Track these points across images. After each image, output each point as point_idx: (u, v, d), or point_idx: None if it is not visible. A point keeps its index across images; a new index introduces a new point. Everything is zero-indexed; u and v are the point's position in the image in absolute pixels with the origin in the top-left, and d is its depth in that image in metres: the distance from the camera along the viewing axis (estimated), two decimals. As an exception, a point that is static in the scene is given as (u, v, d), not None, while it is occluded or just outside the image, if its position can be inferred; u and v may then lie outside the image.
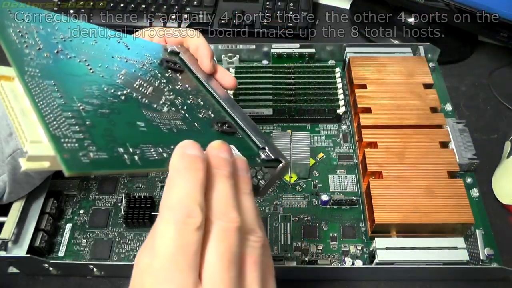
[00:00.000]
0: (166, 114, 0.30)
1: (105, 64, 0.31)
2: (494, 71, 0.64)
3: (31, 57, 0.25)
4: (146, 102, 0.30)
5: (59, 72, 0.26)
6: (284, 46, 0.61)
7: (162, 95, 0.32)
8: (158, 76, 0.34)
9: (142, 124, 0.28)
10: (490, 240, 0.45)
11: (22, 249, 0.43)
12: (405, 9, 0.69)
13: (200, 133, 0.31)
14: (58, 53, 0.28)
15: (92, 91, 0.27)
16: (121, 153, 0.24)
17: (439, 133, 0.50)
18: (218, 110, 0.35)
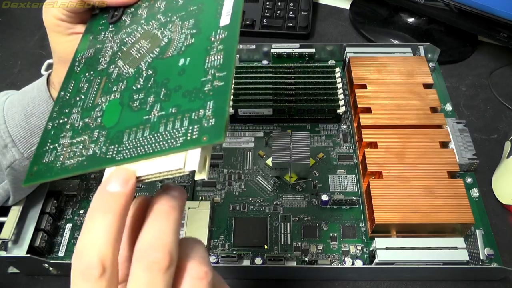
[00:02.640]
0: (174, 36, 0.29)
1: (107, 88, 0.30)
2: (494, 71, 0.64)
3: (95, 151, 0.26)
4: (158, 51, 0.29)
5: (113, 132, 0.26)
6: (284, 46, 0.61)
7: (152, 29, 0.31)
8: (126, 31, 0.32)
9: (182, 61, 0.27)
10: (490, 240, 0.45)
11: (22, 249, 0.43)
12: (405, 9, 0.69)
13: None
14: (95, 120, 0.28)
15: (138, 101, 0.27)
16: (213, 88, 0.24)
17: (439, 133, 0.50)
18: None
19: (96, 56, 0.32)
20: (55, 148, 0.27)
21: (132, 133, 0.25)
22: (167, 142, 0.23)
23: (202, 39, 0.27)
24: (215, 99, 0.23)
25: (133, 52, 0.30)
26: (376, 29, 0.70)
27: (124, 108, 0.27)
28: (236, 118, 0.56)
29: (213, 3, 0.29)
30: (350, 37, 0.71)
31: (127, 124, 0.26)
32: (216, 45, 0.26)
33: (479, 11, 0.59)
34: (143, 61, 0.29)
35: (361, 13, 0.73)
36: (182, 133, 0.23)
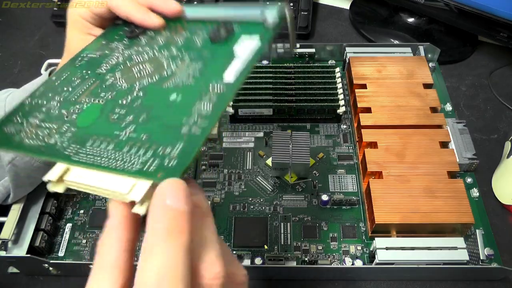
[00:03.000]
0: (178, 71, 0.30)
1: (96, 91, 0.30)
2: (494, 71, 0.64)
3: (56, 142, 0.26)
4: (158, 79, 0.29)
5: (81, 132, 0.26)
6: (284, 46, 0.61)
7: (161, 58, 0.31)
8: (137, 49, 0.33)
9: (174, 96, 0.27)
10: (490, 240, 0.45)
11: (22, 249, 0.43)
12: (405, 9, 0.69)
13: (214, 55, 0.30)
14: (69, 116, 0.28)
15: (118, 116, 0.27)
16: (189, 132, 0.24)
17: (439, 133, 0.50)
18: (202, 23, 0.34)
19: (100, 59, 0.32)
20: (21, 123, 0.27)
21: (97, 141, 0.25)
22: (124, 164, 0.23)
23: (201, 84, 0.28)
24: (187, 143, 0.23)
25: (134, 70, 0.30)
26: (376, 29, 0.70)
27: (102, 115, 0.27)
28: (236, 118, 0.56)
29: (226, 57, 0.30)
30: (350, 37, 0.71)
31: (97, 131, 0.26)
32: (211, 95, 0.27)
33: (479, 11, 0.59)
34: (140, 81, 0.29)
35: (361, 13, 0.73)
36: (141, 162, 0.23)
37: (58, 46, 0.67)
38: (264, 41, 0.31)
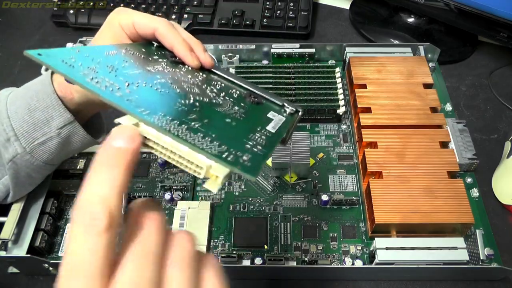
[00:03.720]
0: (225, 104, 0.30)
1: (151, 80, 0.29)
2: (494, 71, 0.64)
3: (127, 98, 0.25)
4: (208, 101, 0.30)
5: (158, 102, 0.26)
6: (284, 46, 0.61)
7: (205, 89, 0.32)
8: (180, 72, 0.34)
9: (229, 120, 0.28)
10: (490, 240, 0.45)
11: (22, 249, 0.43)
12: (405, 9, 0.69)
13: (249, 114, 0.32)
14: (130, 85, 0.27)
15: (181, 108, 0.27)
16: (253, 149, 0.25)
17: (439, 133, 0.50)
18: (238, 86, 0.37)
19: (145, 61, 0.32)
20: (84, 66, 0.26)
21: (167, 116, 0.24)
22: (202, 144, 0.23)
23: (250, 123, 0.30)
24: (253, 156, 0.24)
25: (184, 85, 0.31)
26: (376, 29, 0.70)
27: (164, 99, 0.27)
28: (236, 118, 0.56)
29: (260, 115, 0.32)
30: (350, 37, 0.71)
31: (165, 110, 0.25)
32: (261, 133, 0.28)
33: (479, 11, 0.59)
34: (192, 95, 0.29)
35: (361, 13, 0.73)
36: (218, 150, 0.23)
37: (58, 46, 0.67)
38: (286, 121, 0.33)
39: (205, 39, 0.69)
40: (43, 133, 0.40)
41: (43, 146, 0.41)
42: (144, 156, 0.53)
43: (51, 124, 0.40)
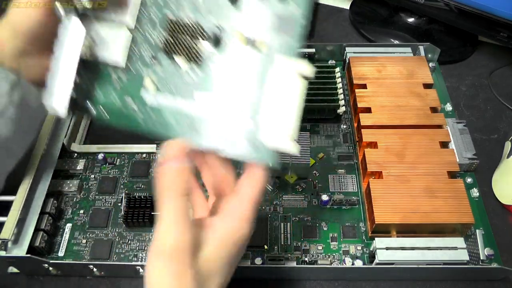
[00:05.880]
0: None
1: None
2: (494, 71, 0.64)
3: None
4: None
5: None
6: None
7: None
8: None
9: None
10: (490, 240, 0.45)
11: (22, 249, 0.43)
12: (405, 9, 0.69)
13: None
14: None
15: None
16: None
17: (439, 133, 0.50)
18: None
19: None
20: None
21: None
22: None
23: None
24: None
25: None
26: (376, 29, 0.70)
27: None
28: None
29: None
30: (350, 37, 0.71)
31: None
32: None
33: (479, 11, 0.59)
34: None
35: (361, 13, 0.73)
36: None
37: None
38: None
39: (205, 39, 0.69)
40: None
41: (3, 118, 0.38)
42: (144, 156, 0.53)
43: (0, 92, 0.37)
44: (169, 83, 0.31)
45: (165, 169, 0.27)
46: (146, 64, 0.32)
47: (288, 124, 0.28)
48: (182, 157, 0.27)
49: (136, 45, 0.32)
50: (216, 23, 0.31)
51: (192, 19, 0.31)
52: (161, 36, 0.32)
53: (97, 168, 0.53)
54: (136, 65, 0.32)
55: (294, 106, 0.28)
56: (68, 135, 0.54)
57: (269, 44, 0.30)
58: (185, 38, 0.31)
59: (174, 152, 0.27)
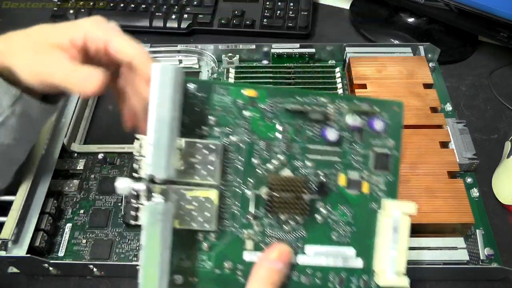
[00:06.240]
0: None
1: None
2: (494, 71, 0.64)
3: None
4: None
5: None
6: (284, 46, 0.61)
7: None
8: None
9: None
10: (490, 240, 0.45)
11: (22, 249, 0.43)
12: (405, 9, 0.69)
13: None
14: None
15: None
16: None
17: (439, 133, 0.50)
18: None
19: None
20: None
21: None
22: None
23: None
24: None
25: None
26: (376, 29, 0.70)
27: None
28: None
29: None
30: (350, 37, 0.70)
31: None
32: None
33: (479, 11, 0.59)
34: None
35: (361, 13, 0.73)
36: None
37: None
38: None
39: (205, 39, 0.69)
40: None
41: (4, 127, 0.38)
42: (144, 156, 0.53)
43: (2, 104, 0.37)
44: (271, 240, 0.31)
45: (266, 264, 0.29)
46: (242, 224, 0.30)
47: (400, 261, 0.29)
48: (285, 262, 0.30)
49: (226, 205, 0.30)
50: (319, 171, 0.31)
51: (290, 169, 0.31)
52: (257, 191, 0.30)
53: (97, 168, 0.53)
54: (231, 227, 0.30)
55: (405, 243, 0.29)
56: (68, 135, 0.54)
57: (372, 183, 0.31)
58: (286, 193, 0.30)
59: (281, 255, 0.29)
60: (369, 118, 0.32)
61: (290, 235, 0.31)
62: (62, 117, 0.54)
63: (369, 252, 0.31)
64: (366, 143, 0.32)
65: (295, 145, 0.31)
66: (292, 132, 0.31)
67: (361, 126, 0.32)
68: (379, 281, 0.30)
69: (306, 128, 0.31)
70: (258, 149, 0.31)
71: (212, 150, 0.29)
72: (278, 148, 0.31)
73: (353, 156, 0.31)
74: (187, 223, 0.29)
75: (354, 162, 0.31)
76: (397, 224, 0.30)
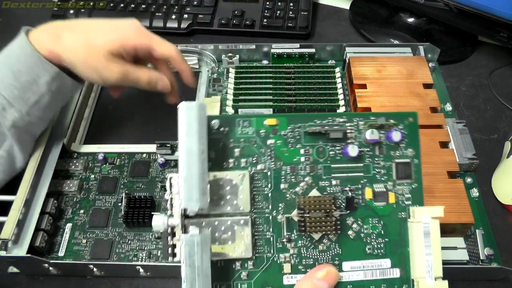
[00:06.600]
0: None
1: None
2: (494, 71, 0.64)
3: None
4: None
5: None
6: (284, 46, 0.61)
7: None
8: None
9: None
10: (490, 240, 0.45)
11: (22, 249, 0.43)
12: (405, 9, 0.69)
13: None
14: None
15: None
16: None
17: (439, 133, 0.50)
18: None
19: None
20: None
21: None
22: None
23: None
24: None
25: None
26: (376, 29, 0.70)
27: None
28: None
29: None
30: (350, 37, 0.71)
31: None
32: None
33: (479, 11, 0.59)
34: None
35: (361, 13, 0.73)
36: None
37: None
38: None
39: (205, 39, 0.69)
40: (34, 92, 0.42)
41: (37, 105, 0.43)
42: (144, 156, 0.53)
43: (39, 82, 0.42)
44: (308, 261, 0.31)
45: (311, 281, 0.29)
46: (277, 248, 0.31)
47: (437, 265, 0.31)
48: (330, 283, 0.29)
49: (259, 231, 0.31)
50: (345, 188, 0.32)
51: (317, 189, 0.32)
52: (287, 215, 0.31)
53: (97, 168, 0.53)
54: (267, 252, 0.31)
55: (438, 246, 0.30)
56: (68, 135, 0.54)
57: (398, 193, 0.32)
58: (315, 212, 0.30)
59: (327, 275, 0.29)
60: (387, 132, 0.32)
61: (326, 254, 0.31)
62: (62, 117, 0.54)
63: (405, 261, 0.31)
64: (387, 155, 0.32)
65: (319, 166, 0.32)
66: (315, 154, 0.32)
67: (379, 139, 0.32)
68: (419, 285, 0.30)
69: (327, 149, 0.32)
70: (284, 174, 0.32)
71: (240, 180, 0.31)
72: (303, 171, 0.32)
73: (376, 169, 0.32)
74: (223, 254, 0.30)
75: (377, 175, 0.32)
76: (428, 229, 0.30)
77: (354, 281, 0.31)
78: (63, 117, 0.54)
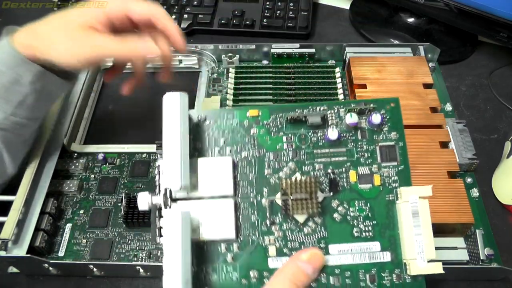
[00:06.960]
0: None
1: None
2: (494, 71, 0.64)
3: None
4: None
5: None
6: (284, 46, 0.61)
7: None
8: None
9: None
10: (490, 240, 0.45)
11: (22, 249, 0.43)
12: (405, 9, 0.69)
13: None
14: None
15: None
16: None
17: (439, 133, 0.50)
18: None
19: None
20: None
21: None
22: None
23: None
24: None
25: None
26: (376, 29, 0.70)
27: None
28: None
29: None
30: (350, 37, 0.70)
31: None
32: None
33: (479, 11, 0.59)
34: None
35: (361, 13, 0.73)
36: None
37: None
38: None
39: (205, 39, 0.69)
40: (17, 92, 0.41)
41: (23, 105, 0.41)
42: (144, 156, 0.53)
43: (22, 82, 0.40)
44: (294, 244, 0.31)
45: (295, 263, 0.29)
46: (262, 231, 0.31)
47: (429, 246, 0.30)
48: (315, 267, 0.30)
49: (244, 215, 0.32)
50: (329, 171, 0.32)
51: (300, 174, 0.32)
52: (271, 198, 0.32)
53: (97, 168, 0.53)
54: (252, 235, 0.31)
55: (428, 226, 0.30)
56: (68, 135, 0.54)
57: (384, 175, 0.32)
58: (298, 194, 0.31)
59: (312, 258, 0.30)
60: (368, 116, 0.33)
61: (312, 237, 0.31)
62: (62, 117, 0.54)
63: (395, 243, 0.31)
64: (370, 139, 0.33)
65: (302, 152, 0.33)
66: (297, 141, 0.33)
67: (359, 124, 0.33)
68: (412, 270, 0.30)
69: (310, 135, 0.33)
70: (267, 161, 0.32)
71: (225, 165, 0.32)
72: (286, 157, 0.33)
73: (360, 153, 0.33)
74: (208, 235, 0.31)
75: (361, 158, 0.33)
76: (416, 208, 0.30)
77: (342, 265, 0.31)
78: (63, 117, 0.54)
